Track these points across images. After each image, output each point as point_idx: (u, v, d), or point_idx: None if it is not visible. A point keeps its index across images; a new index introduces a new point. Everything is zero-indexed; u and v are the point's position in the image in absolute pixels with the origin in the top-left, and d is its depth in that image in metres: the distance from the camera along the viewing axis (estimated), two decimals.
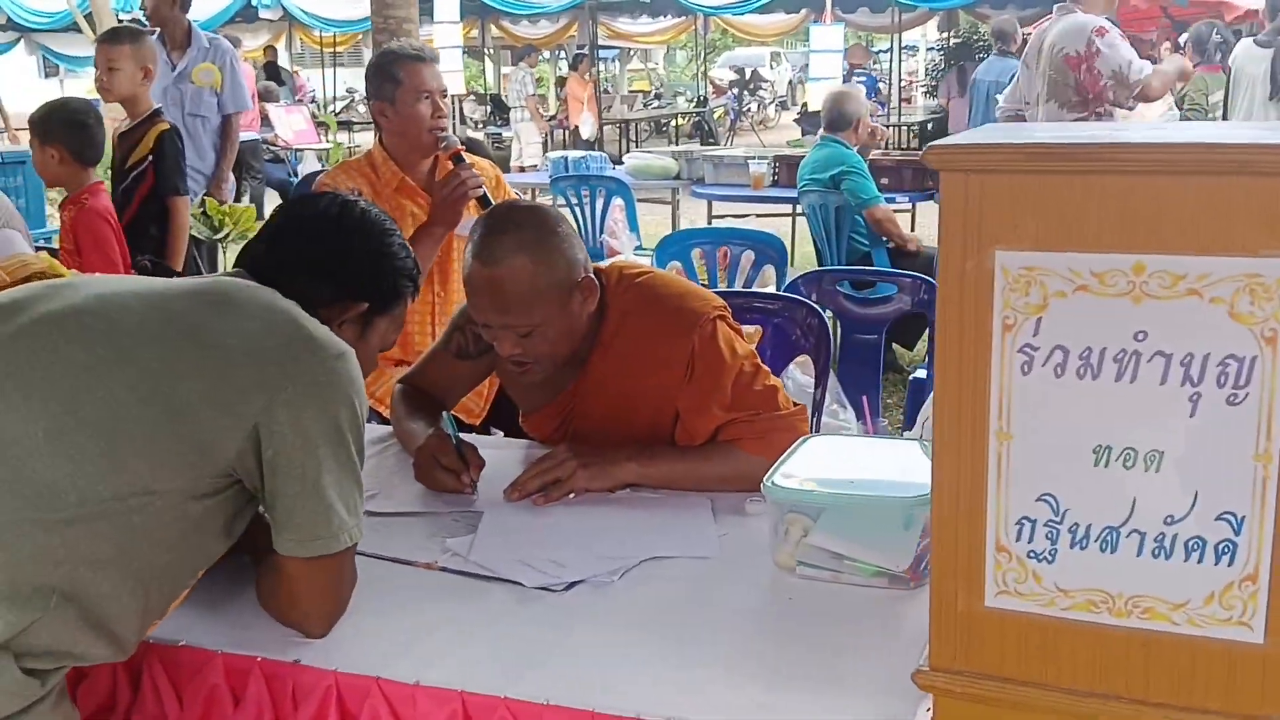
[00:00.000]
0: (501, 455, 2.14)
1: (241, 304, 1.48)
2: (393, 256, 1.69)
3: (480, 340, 2.18)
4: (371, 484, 2.00)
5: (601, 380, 2.07)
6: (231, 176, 5.44)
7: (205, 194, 5.20)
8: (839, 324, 3.39)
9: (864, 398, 3.11)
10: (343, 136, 16.44)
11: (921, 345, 4.95)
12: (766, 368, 2.05)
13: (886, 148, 6.92)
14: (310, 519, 1.42)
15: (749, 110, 22.05)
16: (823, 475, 1.65)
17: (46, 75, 22.45)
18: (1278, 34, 7.50)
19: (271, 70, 14.75)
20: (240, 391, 1.39)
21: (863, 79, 7.75)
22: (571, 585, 1.63)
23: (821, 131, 5.43)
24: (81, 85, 15.41)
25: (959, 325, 1.10)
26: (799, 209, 6.74)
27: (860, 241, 5.24)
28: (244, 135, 9.51)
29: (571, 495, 1.93)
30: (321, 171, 3.45)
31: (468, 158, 3.08)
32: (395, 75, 3.01)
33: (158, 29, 5.19)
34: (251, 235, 4.68)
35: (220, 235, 4.60)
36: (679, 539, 1.76)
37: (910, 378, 3.84)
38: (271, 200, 9.82)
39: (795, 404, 2.01)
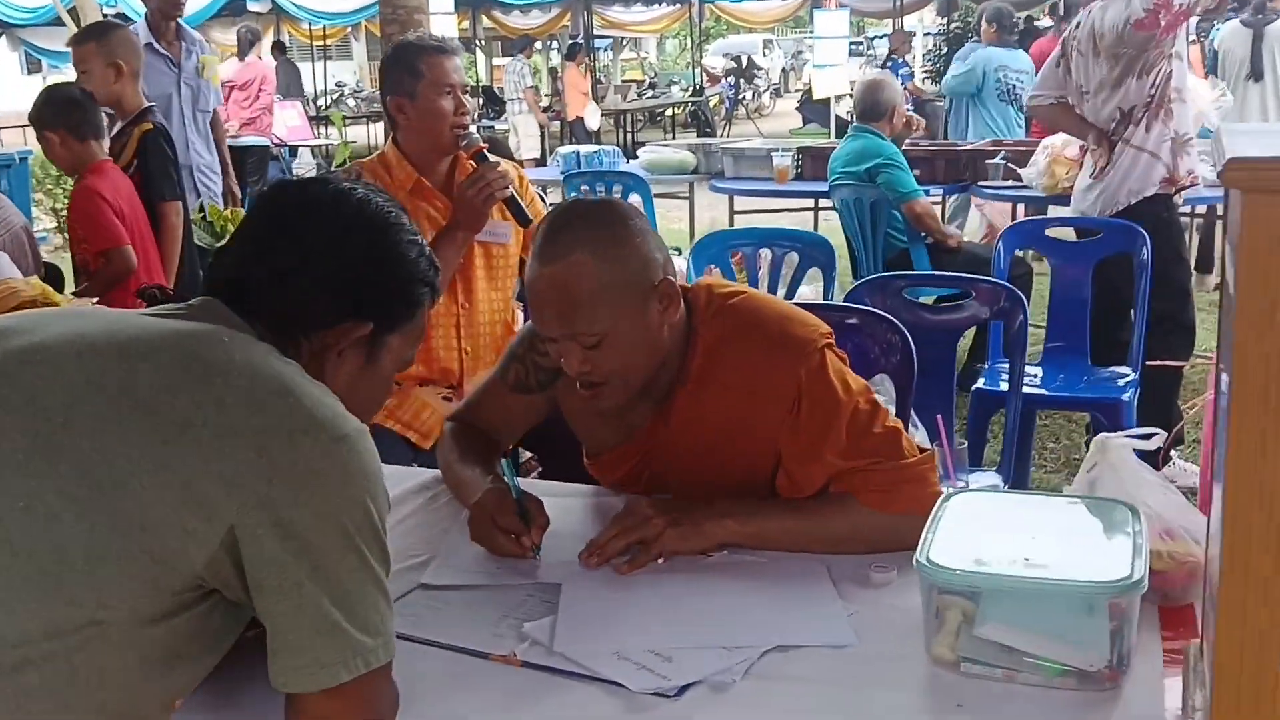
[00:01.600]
0: (562, 505, 1.86)
1: (217, 365, 1.15)
2: (404, 259, 1.34)
3: (541, 371, 1.89)
4: (421, 545, 1.73)
5: (687, 419, 1.78)
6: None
7: (220, 191, 5.05)
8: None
9: (938, 416, 2.81)
10: (352, 132, 16.13)
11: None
12: (885, 406, 1.76)
13: (935, 137, 6.58)
14: (313, 643, 1.11)
15: (744, 99, 21.75)
16: (982, 547, 1.37)
17: (29, 71, 22.02)
18: (1259, 14, 7.37)
19: (289, 67, 14.37)
20: (212, 485, 1.08)
21: (900, 68, 7.38)
22: (685, 689, 1.34)
23: (854, 122, 5.14)
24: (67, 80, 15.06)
25: (1262, 412, 0.81)
26: (824, 204, 6.48)
27: (898, 238, 4.95)
28: (255, 140, 9.24)
29: (660, 560, 1.65)
30: (327, 172, 3.15)
31: (491, 157, 2.80)
32: (416, 68, 2.74)
33: (145, 21, 4.95)
34: None
35: (223, 243, 4.30)
36: (805, 622, 1.47)
37: (973, 390, 3.56)
38: None
39: (921, 449, 1.73)
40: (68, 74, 4.47)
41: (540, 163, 12.09)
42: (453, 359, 2.89)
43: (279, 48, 14.86)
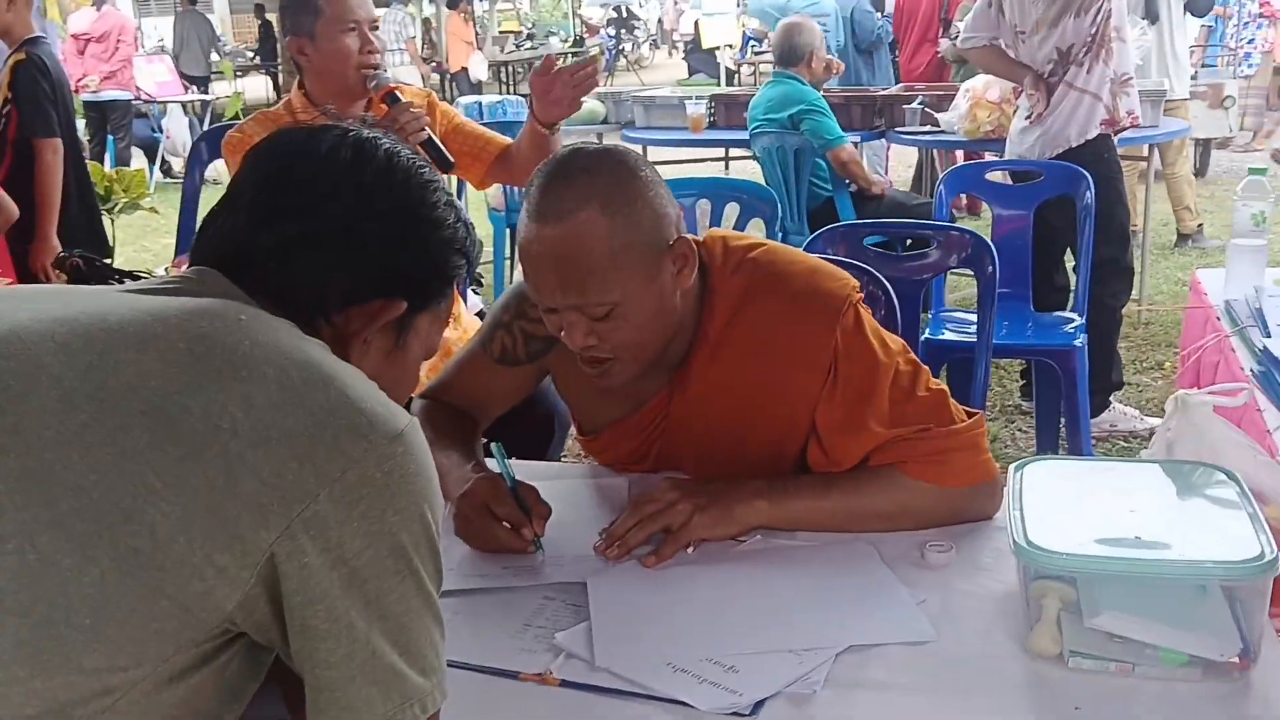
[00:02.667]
0: (562, 489, 1.65)
1: (239, 353, 0.91)
2: (441, 224, 1.10)
3: (532, 340, 1.68)
4: None
5: (705, 388, 1.59)
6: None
7: None
8: None
9: None
10: (248, 84, 15.35)
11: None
12: (925, 365, 1.59)
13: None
14: (366, 693, 0.89)
15: (624, 50, 21.44)
16: (1083, 524, 1.22)
17: None
18: None
19: (198, 19, 13.55)
20: (245, 507, 0.85)
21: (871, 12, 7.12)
22: (760, 704, 1.16)
23: (774, 67, 4.97)
24: None
25: None
26: (734, 154, 6.31)
27: (821, 186, 4.82)
28: (117, 94, 8.67)
29: (689, 550, 1.46)
30: (225, 126, 2.87)
31: (404, 97, 2.56)
32: (315, 5, 2.51)
33: None
34: (145, 201, 4.05)
35: (109, 205, 3.93)
36: (875, 616, 1.30)
37: (921, 340, 3.43)
38: (139, 163, 8.96)
39: (969, 412, 1.57)
40: None
41: None
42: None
43: None
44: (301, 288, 1.03)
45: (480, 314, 2.99)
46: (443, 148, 2.51)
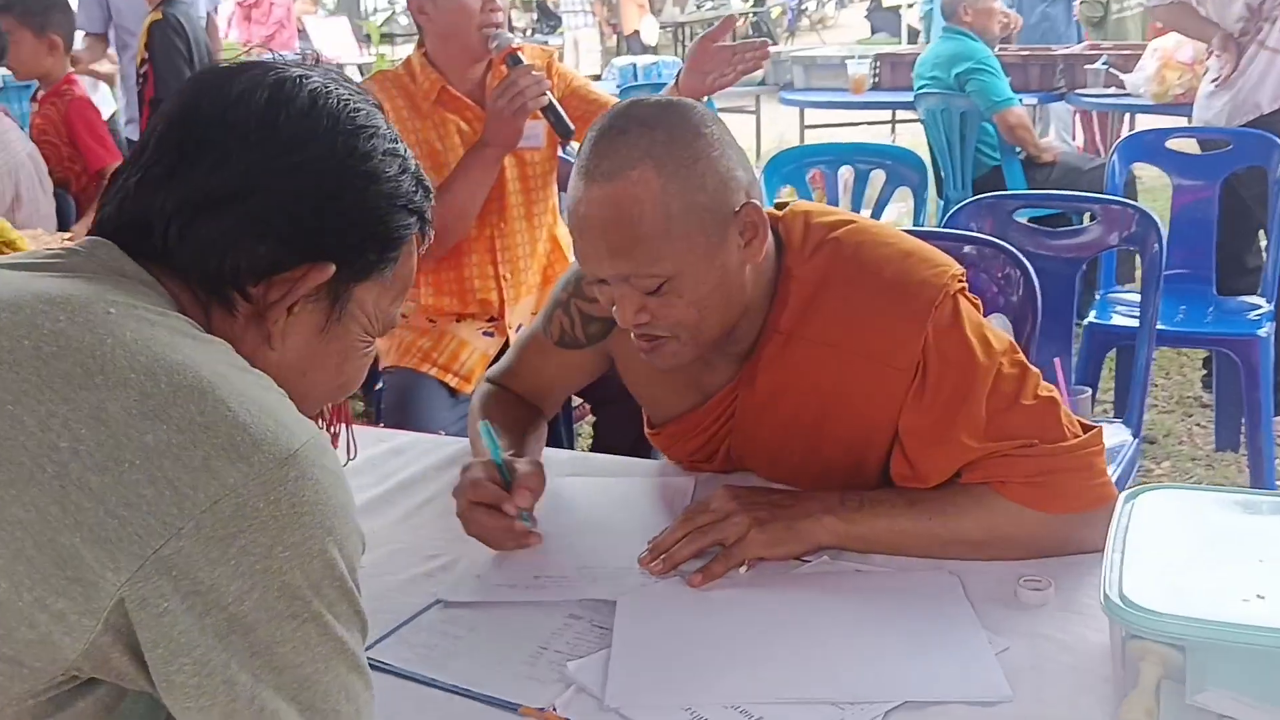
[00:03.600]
0: (616, 489, 1.51)
1: (98, 354, 0.77)
2: (378, 177, 0.92)
3: (590, 321, 1.53)
4: (443, 543, 1.38)
5: (776, 382, 1.41)
6: None
7: None
8: None
9: (1055, 360, 2.42)
10: (384, 50, 15.68)
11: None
12: (1034, 367, 1.37)
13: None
14: None
15: (806, 9, 20.90)
16: (1193, 575, 0.99)
17: None
18: None
19: None
20: (87, 542, 0.71)
21: None
22: None
23: (943, 24, 4.65)
24: None
25: None
26: (902, 117, 5.99)
27: (988, 153, 4.50)
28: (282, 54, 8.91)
29: (744, 569, 1.29)
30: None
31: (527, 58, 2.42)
32: None
33: None
34: None
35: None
36: (942, 667, 1.10)
37: (1085, 324, 3.13)
38: None
39: (1085, 425, 1.34)
40: None
41: (597, 79, 11.64)
42: (489, 289, 2.54)
43: None
44: (207, 257, 0.87)
45: None
46: (563, 113, 2.37)
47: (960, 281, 1.36)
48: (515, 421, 1.54)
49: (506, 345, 2.53)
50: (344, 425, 1.48)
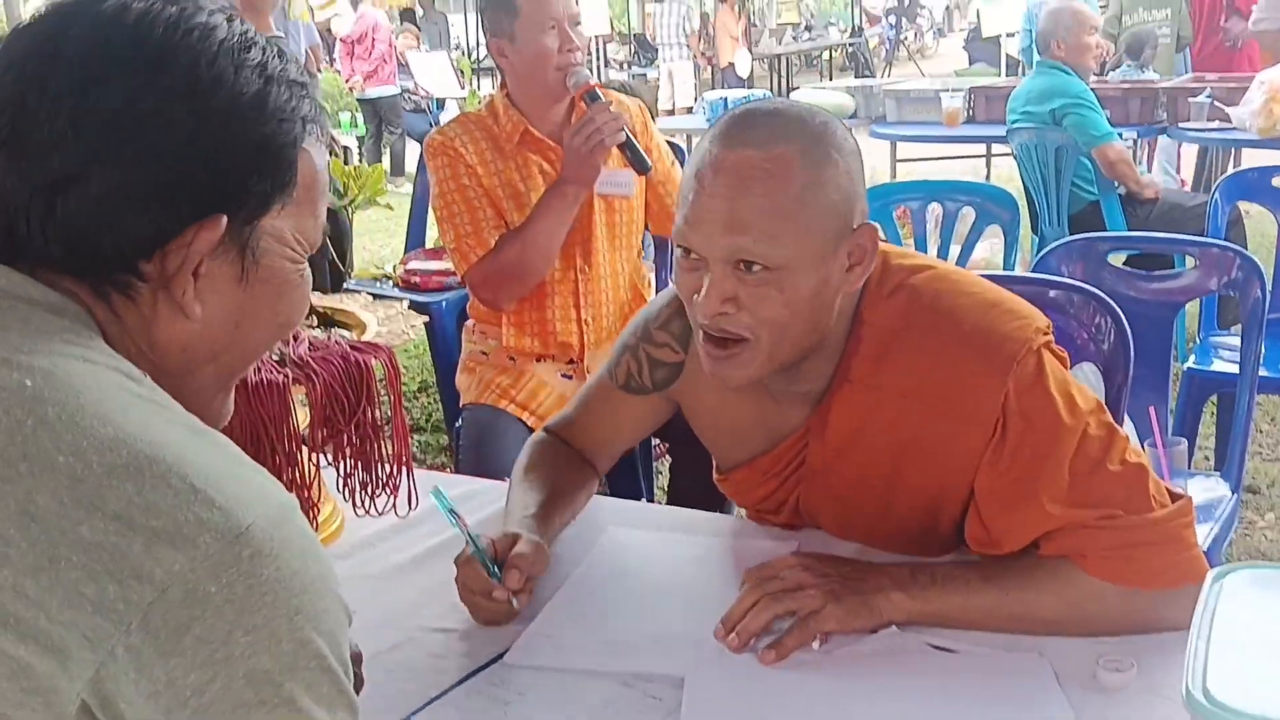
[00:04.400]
0: (703, 545, 1.47)
1: (19, 437, 0.70)
2: (235, 100, 0.79)
3: (657, 366, 1.50)
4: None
5: (848, 430, 1.35)
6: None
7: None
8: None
9: (1150, 409, 2.32)
10: (487, 84, 15.94)
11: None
12: (1122, 430, 1.30)
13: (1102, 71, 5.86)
14: None
15: (905, 39, 20.76)
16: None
17: None
18: None
19: (407, 14, 14.26)
20: (35, 653, 0.66)
21: None
22: None
23: (1037, 56, 4.55)
24: None
25: None
26: (997, 151, 5.87)
27: (1085, 189, 4.38)
28: (382, 90, 9.14)
29: (817, 644, 1.23)
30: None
31: (607, 96, 2.41)
32: (513, 5, 2.40)
33: None
34: (381, 199, 4.10)
35: (345, 201, 4.01)
36: None
37: (1184, 370, 3.01)
38: (413, 157, 9.35)
39: (1174, 494, 1.27)
40: None
41: (690, 111, 11.67)
42: (571, 331, 2.53)
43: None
44: (78, 246, 0.76)
45: None
46: (641, 150, 2.37)
47: (1046, 334, 1.30)
48: (553, 482, 1.51)
49: None
50: (406, 473, 1.48)
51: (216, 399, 0.88)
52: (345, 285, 3.86)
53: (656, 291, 2.81)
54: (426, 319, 1.75)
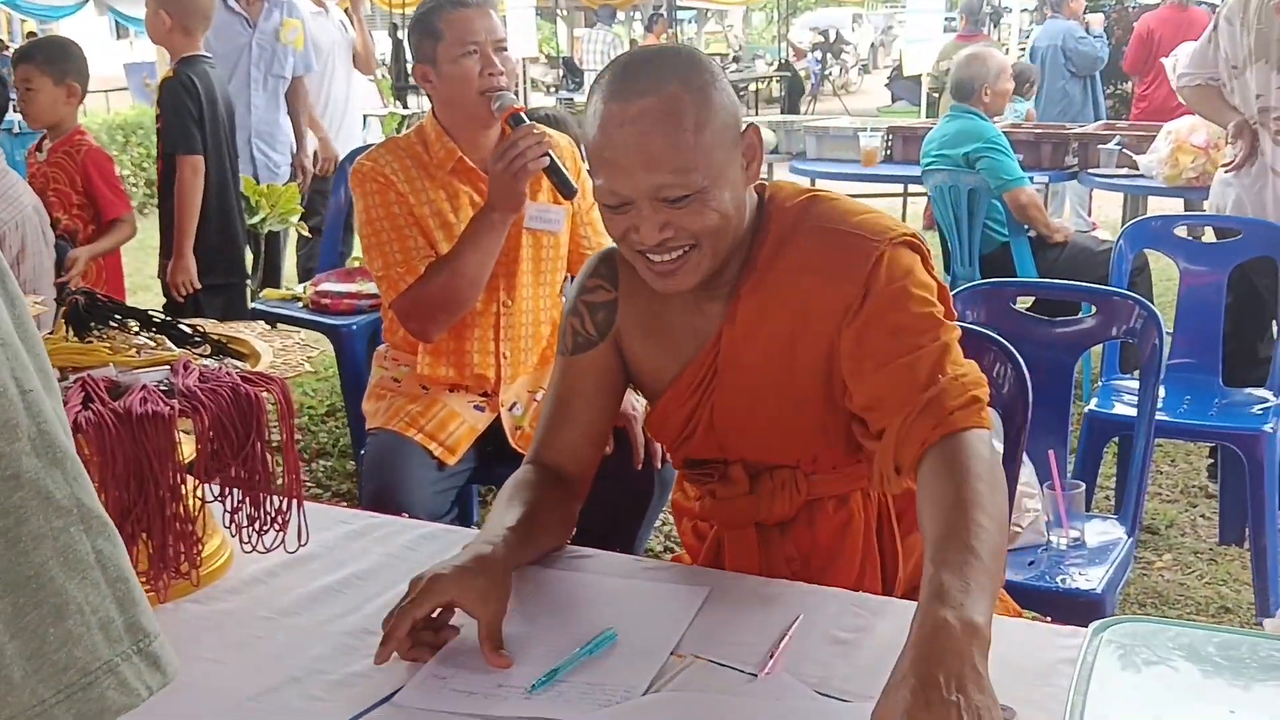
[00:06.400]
0: (603, 589, 1.45)
1: None
2: None
3: (596, 309, 1.60)
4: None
5: (753, 313, 1.52)
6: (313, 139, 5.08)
7: (290, 164, 4.84)
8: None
9: (1050, 452, 2.37)
10: (412, 102, 15.80)
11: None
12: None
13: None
14: None
15: (830, 75, 21.07)
16: None
17: (119, 37, 22.13)
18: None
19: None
20: None
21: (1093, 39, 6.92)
22: None
23: (951, 101, 4.64)
24: (153, 47, 14.93)
25: None
26: (914, 190, 5.98)
27: (997, 230, 4.46)
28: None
29: None
30: (365, 148, 2.79)
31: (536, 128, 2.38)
32: (435, 29, 2.37)
33: None
34: (293, 219, 4.05)
35: (256, 219, 3.94)
36: None
37: (1085, 413, 3.07)
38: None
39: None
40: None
41: None
42: (489, 364, 2.50)
43: None
44: None
45: None
46: (566, 174, 2.34)
47: (906, 237, 1.50)
48: (541, 498, 1.51)
49: (497, 421, 2.51)
50: (296, 508, 1.44)
51: None
52: (252, 306, 3.80)
53: None
54: (325, 349, 1.71)
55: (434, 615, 1.30)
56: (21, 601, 0.62)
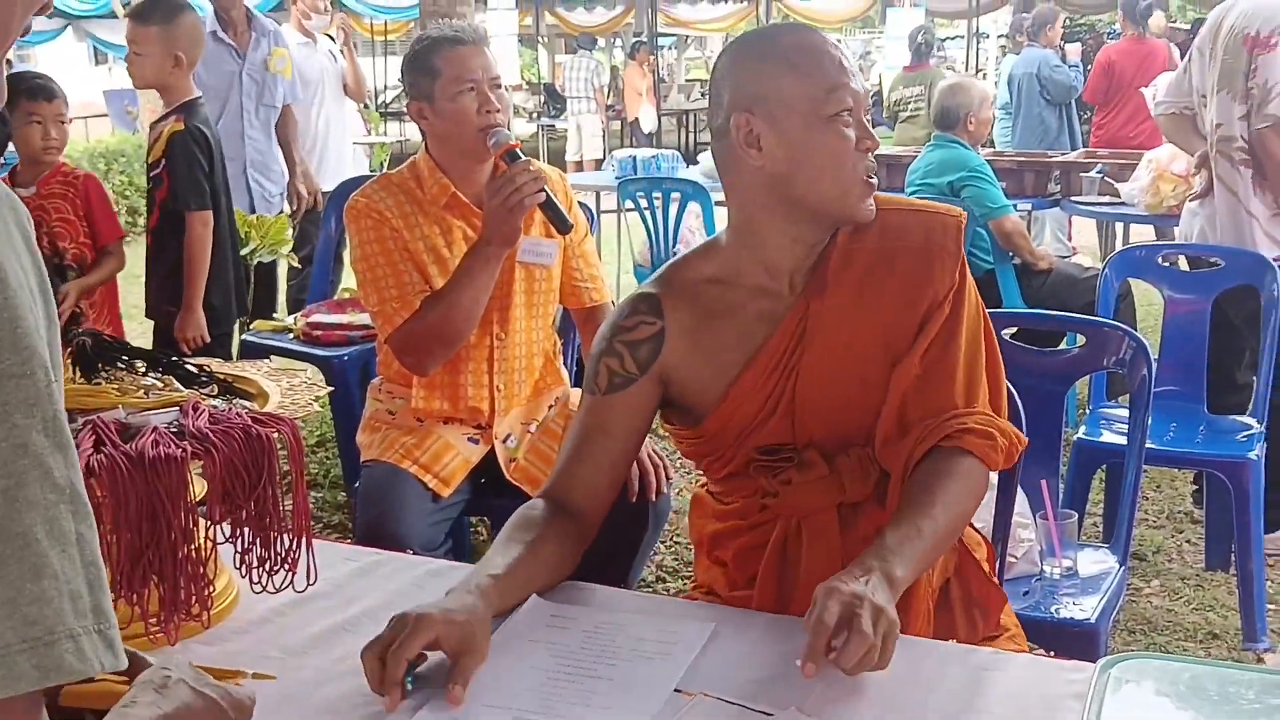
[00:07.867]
0: (615, 627, 1.46)
1: None
2: None
3: (638, 347, 1.58)
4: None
5: (843, 292, 1.57)
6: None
7: (283, 193, 4.86)
8: None
9: (1042, 482, 2.39)
10: (394, 129, 15.84)
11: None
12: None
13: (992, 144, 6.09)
14: None
15: None
16: None
17: (97, 63, 22.10)
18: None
19: None
20: None
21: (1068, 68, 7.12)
22: None
23: (935, 130, 4.70)
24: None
25: None
26: None
27: (982, 259, 4.50)
28: None
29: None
30: (360, 180, 2.79)
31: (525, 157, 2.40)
32: (431, 66, 2.38)
33: (210, 7, 4.68)
34: (284, 249, 4.03)
35: (246, 250, 3.93)
36: None
37: (1074, 441, 3.10)
38: None
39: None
40: None
41: (600, 164, 11.76)
42: (482, 397, 2.51)
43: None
44: None
45: None
46: (562, 209, 2.35)
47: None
48: (545, 536, 1.51)
49: (491, 453, 2.51)
50: (305, 547, 1.45)
51: None
52: (243, 338, 3.79)
53: (565, 361, 2.81)
54: (330, 390, 1.72)
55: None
56: (6, 553, 0.69)
